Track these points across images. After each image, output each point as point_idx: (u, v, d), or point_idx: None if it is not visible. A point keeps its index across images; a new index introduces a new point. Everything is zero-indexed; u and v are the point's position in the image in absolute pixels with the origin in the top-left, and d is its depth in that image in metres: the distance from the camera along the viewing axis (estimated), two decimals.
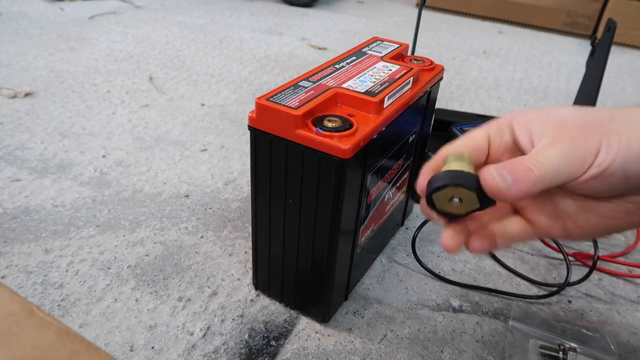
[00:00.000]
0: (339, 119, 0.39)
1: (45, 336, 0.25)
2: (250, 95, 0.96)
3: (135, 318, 0.47)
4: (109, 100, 0.89)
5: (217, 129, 0.83)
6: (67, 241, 0.56)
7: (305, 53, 1.22)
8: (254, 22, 1.44)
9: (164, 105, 0.89)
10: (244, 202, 0.65)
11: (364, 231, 0.48)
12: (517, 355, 0.45)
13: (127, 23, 1.32)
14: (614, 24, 0.67)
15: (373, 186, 0.45)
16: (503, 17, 1.61)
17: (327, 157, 0.37)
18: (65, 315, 0.47)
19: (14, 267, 0.51)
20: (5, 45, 1.09)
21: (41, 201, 0.62)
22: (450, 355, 0.46)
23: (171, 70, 1.05)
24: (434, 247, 0.60)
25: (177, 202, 0.64)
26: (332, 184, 0.38)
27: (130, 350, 0.44)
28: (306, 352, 0.45)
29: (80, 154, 0.72)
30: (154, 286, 0.51)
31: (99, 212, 0.61)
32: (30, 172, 0.67)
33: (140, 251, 0.55)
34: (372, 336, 0.47)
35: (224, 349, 0.45)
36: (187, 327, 0.47)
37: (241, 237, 0.59)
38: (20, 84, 0.92)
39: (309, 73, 0.45)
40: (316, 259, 0.43)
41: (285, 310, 0.49)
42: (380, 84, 0.44)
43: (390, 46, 0.54)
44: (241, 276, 0.53)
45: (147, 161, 0.72)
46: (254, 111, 0.39)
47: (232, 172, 0.71)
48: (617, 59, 1.35)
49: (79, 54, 1.09)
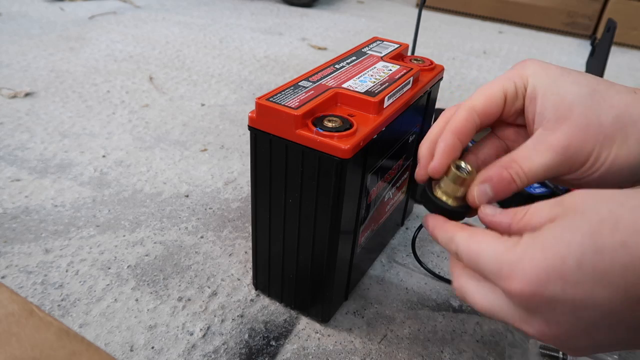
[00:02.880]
0: (339, 119, 0.39)
1: (45, 336, 0.25)
2: (250, 95, 0.96)
3: (135, 318, 0.47)
4: (109, 100, 0.89)
5: (217, 129, 0.83)
6: (67, 241, 0.56)
7: (305, 53, 1.22)
8: (254, 22, 1.44)
9: (164, 105, 0.89)
10: (244, 202, 0.65)
11: (364, 231, 0.48)
12: (517, 355, 0.45)
13: (127, 23, 1.32)
14: (614, 24, 0.67)
15: (373, 186, 0.45)
16: (503, 17, 1.61)
17: (327, 157, 0.37)
18: (65, 315, 0.47)
19: (14, 267, 0.51)
20: (5, 45, 1.09)
21: (41, 201, 0.62)
22: (450, 355, 0.46)
23: (171, 70, 1.05)
24: (434, 247, 0.60)
25: (177, 202, 0.64)
26: (332, 184, 0.38)
27: (130, 350, 0.44)
28: (306, 352, 0.45)
29: (80, 154, 0.72)
30: (154, 286, 0.51)
31: (99, 212, 0.61)
32: (30, 172, 0.67)
33: (140, 251, 0.55)
34: (372, 336, 0.47)
35: (224, 349, 0.45)
36: (187, 327, 0.47)
37: (241, 237, 0.59)
38: (20, 84, 0.92)
39: (309, 73, 0.45)
40: (316, 259, 0.43)
41: (285, 310, 0.49)
42: (380, 84, 0.44)
43: (390, 46, 0.54)
44: (241, 276, 0.53)
45: (147, 161, 0.72)
46: (254, 111, 0.39)
47: (232, 172, 0.71)
48: (617, 59, 1.35)
49: (79, 54, 1.09)
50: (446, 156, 0.32)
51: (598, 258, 0.23)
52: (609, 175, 0.29)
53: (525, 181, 0.30)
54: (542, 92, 0.31)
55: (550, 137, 0.30)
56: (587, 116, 0.29)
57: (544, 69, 0.32)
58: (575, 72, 0.31)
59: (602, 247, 0.22)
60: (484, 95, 0.33)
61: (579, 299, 0.23)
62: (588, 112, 0.29)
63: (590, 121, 0.29)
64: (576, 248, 0.23)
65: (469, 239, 0.29)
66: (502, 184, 0.30)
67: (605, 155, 0.29)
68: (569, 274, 0.23)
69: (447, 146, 0.32)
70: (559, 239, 0.24)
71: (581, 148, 0.29)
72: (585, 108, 0.29)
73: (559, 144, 0.29)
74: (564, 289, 0.23)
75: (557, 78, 0.31)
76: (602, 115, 0.29)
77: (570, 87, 0.30)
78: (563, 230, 0.24)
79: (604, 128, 0.29)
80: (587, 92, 0.30)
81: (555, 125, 0.30)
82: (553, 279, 0.23)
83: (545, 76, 0.31)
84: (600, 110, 0.29)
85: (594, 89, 0.30)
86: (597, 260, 0.23)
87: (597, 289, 0.23)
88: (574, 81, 0.30)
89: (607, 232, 0.23)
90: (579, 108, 0.29)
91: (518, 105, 0.33)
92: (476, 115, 0.33)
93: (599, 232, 0.23)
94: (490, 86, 0.33)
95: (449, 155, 0.32)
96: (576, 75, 0.31)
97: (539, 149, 0.30)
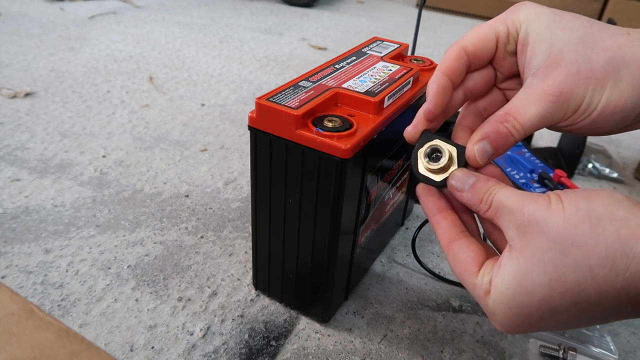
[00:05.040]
0: (339, 119, 0.39)
1: (45, 336, 0.25)
2: (250, 95, 0.96)
3: (135, 318, 0.47)
4: (109, 100, 0.89)
5: (217, 129, 0.83)
6: (67, 241, 0.56)
7: (305, 53, 1.22)
8: (254, 22, 1.44)
9: (164, 105, 0.89)
10: (244, 202, 0.65)
11: (364, 231, 0.48)
12: (517, 355, 0.45)
13: (127, 23, 1.32)
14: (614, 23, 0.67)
15: (373, 186, 0.45)
16: None
17: (327, 157, 0.37)
18: (65, 315, 0.47)
19: (14, 267, 0.51)
20: (5, 45, 1.09)
21: (41, 201, 0.62)
22: (450, 355, 0.46)
23: (171, 70, 1.05)
24: (434, 247, 0.60)
25: (177, 202, 0.64)
26: (332, 184, 0.38)
27: (130, 350, 0.44)
28: (306, 352, 0.45)
29: (80, 154, 0.72)
30: (154, 286, 0.51)
31: (99, 212, 0.61)
32: (30, 172, 0.67)
33: (140, 251, 0.55)
34: (372, 336, 0.47)
35: (224, 349, 0.45)
36: (187, 327, 0.47)
37: (241, 237, 0.59)
38: (20, 84, 0.92)
39: (309, 73, 0.45)
40: (316, 259, 0.43)
41: (285, 310, 0.49)
42: (380, 84, 0.44)
43: (390, 46, 0.54)
44: (241, 276, 0.53)
45: (147, 161, 0.72)
46: (254, 111, 0.39)
47: (232, 172, 0.71)
48: None
49: (79, 54, 1.09)
50: (439, 97, 0.32)
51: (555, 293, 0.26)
52: (601, 120, 0.29)
53: (522, 133, 0.30)
54: (534, 39, 0.30)
55: (542, 86, 0.29)
56: (578, 61, 0.29)
57: (537, 13, 0.31)
58: (569, 15, 0.31)
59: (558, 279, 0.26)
60: (474, 35, 0.33)
61: (548, 324, 0.28)
62: (579, 57, 0.29)
63: (581, 66, 0.28)
64: (536, 295, 0.26)
65: (448, 246, 0.32)
66: (500, 139, 0.30)
67: (597, 99, 0.28)
68: (535, 319, 0.27)
69: (440, 87, 0.32)
70: (519, 289, 0.27)
71: (573, 94, 0.28)
72: (576, 53, 0.29)
73: (551, 91, 0.29)
74: (534, 326, 0.28)
75: (550, 24, 0.30)
76: (593, 60, 0.28)
77: (562, 33, 0.30)
78: (521, 279, 0.27)
79: (595, 72, 0.28)
80: (579, 37, 0.29)
81: (546, 73, 0.29)
82: (524, 324, 0.28)
83: (537, 22, 0.31)
84: (592, 54, 0.29)
85: (586, 32, 0.29)
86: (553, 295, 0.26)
87: (554, 321, 0.27)
88: (566, 26, 0.30)
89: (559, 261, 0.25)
90: (570, 54, 0.29)
91: (510, 49, 0.32)
92: (465, 55, 0.32)
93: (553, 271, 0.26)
94: (482, 27, 0.33)
95: (442, 95, 0.32)
96: (569, 19, 0.30)
97: (532, 98, 0.29)
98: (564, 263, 0.25)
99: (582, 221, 0.25)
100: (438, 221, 0.33)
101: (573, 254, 0.25)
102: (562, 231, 0.25)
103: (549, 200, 0.27)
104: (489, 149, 0.31)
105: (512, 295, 0.27)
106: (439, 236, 0.33)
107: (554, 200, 0.26)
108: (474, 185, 0.30)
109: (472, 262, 0.30)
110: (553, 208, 0.26)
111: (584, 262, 0.24)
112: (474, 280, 0.30)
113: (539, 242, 0.26)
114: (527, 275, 0.26)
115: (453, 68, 0.32)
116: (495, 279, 0.28)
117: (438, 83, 0.32)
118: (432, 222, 0.34)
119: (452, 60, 0.32)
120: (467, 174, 0.31)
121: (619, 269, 0.24)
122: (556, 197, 0.27)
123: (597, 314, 0.26)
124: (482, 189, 0.30)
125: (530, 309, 0.27)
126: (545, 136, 0.90)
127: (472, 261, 0.30)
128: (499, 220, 0.29)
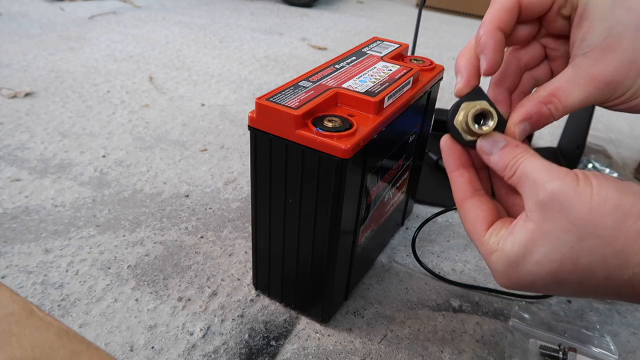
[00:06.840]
0: (339, 119, 0.39)
1: (45, 336, 0.25)
2: (250, 95, 0.96)
3: (135, 318, 0.47)
4: (109, 100, 0.89)
5: (217, 129, 0.83)
6: (67, 241, 0.56)
7: (305, 53, 1.22)
8: (254, 22, 1.44)
9: (164, 105, 0.89)
10: (244, 202, 0.65)
11: (364, 231, 0.48)
12: (517, 355, 0.45)
13: (127, 23, 1.32)
14: None
15: (373, 186, 0.45)
16: None
17: (327, 157, 0.37)
18: (65, 315, 0.47)
19: (14, 267, 0.51)
20: (5, 45, 1.09)
21: (41, 201, 0.62)
22: (450, 355, 0.46)
23: (171, 70, 1.05)
24: (434, 247, 0.60)
25: (177, 202, 0.64)
26: (332, 184, 0.38)
27: (130, 350, 0.44)
28: (306, 352, 0.45)
29: (80, 154, 0.72)
30: (154, 286, 0.51)
31: (99, 212, 0.61)
32: (30, 172, 0.67)
33: (140, 251, 0.55)
34: (372, 336, 0.47)
35: (224, 349, 0.45)
36: (187, 327, 0.47)
37: (241, 237, 0.59)
38: (20, 84, 0.92)
39: (309, 73, 0.45)
40: (316, 259, 0.43)
41: (285, 310, 0.49)
42: (380, 84, 0.44)
43: (390, 46, 0.54)
44: (241, 276, 0.53)
45: (147, 161, 0.72)
46: (254, 111, 0.39)
47: (232, 172, 0.71)
48: None
49: (79, 54, 1.09)
50: (497, 54, 0.30)
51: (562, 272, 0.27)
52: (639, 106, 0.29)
53: (562, 114, 0.30)
54: (593, 14, 0.28)
55: (593, 70, 0.28)
56: (635, 50, 0.27)
57: None
58: None
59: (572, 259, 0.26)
60: None
61: (548, 290, 0.29)
62: (637, 46, 0.27)
63: (636, 56, 0.27)
64: (545, 267, 0.27)
65: (461, 202, 0.32)
66: (541, 120, 0.30)
67: None
68: (538, 286, 0.28)
69: (497, 42, 0.30)
70: (528, 257, 0.27)
71: (621, 83, 0.28)
72: (634, 41, 0.27)
73: (602, 78, 0.28)
74: (535, 289, 0.29)
75: (614, 1, 0.28)
76: None
77: (624, 14, 0.28)
78: (532, 250, 0.27)
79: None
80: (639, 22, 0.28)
81: (599, 56, 0.28)
82: (525, 287, 0.29)
83: None
84: None
85: None
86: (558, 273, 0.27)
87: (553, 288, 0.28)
88: (631, 6, 0.27)
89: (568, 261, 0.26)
90: (628, 40, 0.27)
91: (565, 13, 0.30)
92: (519, 7, 0.30)
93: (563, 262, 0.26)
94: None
95: (499, 52, 0.30)
96: (633, 0, 0.28)
97: (579, 82, 0.29)
98: (580, 247, 0.25)
99: (609, 213, 0.25)
100: (456, 177, 0.33)
101: (591, 242, 0.25)
102: (586, 217, 0.25)
103: (577, 180, 0.26)
104: (528, 129, 0.31)
105: (517, 260, 0.28)
106: (454, 191, 0.33)
107: (582, 181, 0.26)
108: (502, 149, 0.30)
109: (482, 220, 0.31)
110: (581, 191, 0.25)
111: (599, 250, 0.25)
112: (481, 239, 0.30)
113: (559, 222, 0.26)
114: (540, 249, 0.26)
115: (506, 20, 0.30)
116: (503, 242, 0.28)
117: (494, 38, 0.30)
118: (451, 178, 0.33)
119: (505, 12, 0.30)
120: (499, 137, 0.30)
121: (630, 262, 0.24)
122: (585, 178, 0.26)
123: (599, 293, 0.27)
124: (510, 154, 0.29)
125: (535, 277, 0.27)
126: (545, 136, 0.90)
127: (482, 220, 0.31)
128: (521, 189, 0.28)
